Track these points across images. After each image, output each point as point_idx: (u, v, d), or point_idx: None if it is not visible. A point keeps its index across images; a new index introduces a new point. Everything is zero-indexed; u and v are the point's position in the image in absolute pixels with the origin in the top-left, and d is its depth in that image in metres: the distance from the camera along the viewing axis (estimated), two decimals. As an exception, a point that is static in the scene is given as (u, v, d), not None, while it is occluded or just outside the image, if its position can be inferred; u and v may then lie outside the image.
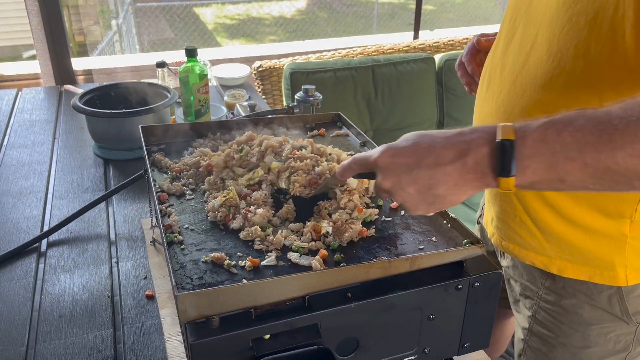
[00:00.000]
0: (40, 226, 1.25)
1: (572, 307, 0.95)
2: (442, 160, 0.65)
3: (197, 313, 0.67)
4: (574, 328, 0.97)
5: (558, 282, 0.95)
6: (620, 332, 0.95)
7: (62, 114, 1.86)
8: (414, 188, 0.67)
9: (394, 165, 0.68)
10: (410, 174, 0.66)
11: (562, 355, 1.01)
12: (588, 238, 0.87)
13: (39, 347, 0.92)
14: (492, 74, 0.95)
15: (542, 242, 0.91)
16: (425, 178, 0.66)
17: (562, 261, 0.91)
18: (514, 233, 0.95)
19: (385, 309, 0.74)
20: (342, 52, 2.51)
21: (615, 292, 0.91)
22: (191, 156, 1.02)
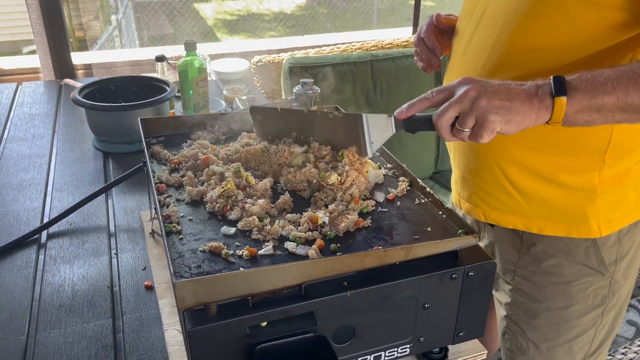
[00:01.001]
0: (40, 218, 1.26)
1: (553, 267, 1.02)
2: (511, 85, 0.78)
3: (195, 300, 0.68)
4: (555, 289, 1.04)
5: (537, 245, 1.02)
6: (597, 286, 1.03)
7: (62, 108, 1.87)
8: (498, 96, 0.77)
9: (479, 81, 0.78)
10: (495, 86, 0.78)
11: (545, 320, 1.07)
12: (563, 194, 0.95)
13: (39, 336, 0.93)
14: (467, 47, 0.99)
15: (523, 205, 0.99)
16: (505, 91, 0.77)
17: (541, 220, 0.99)
18: (496, 200, 1.01)
19: (380, 297, 0.75)
20: (341, 47, 2.52)
21: (591, 245, 0.99)
22: (190, 148, 1.03)
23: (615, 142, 0.91)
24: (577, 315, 1.05)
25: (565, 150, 0.92)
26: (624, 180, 0.95)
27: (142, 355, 0.89)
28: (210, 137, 1.09)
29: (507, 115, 0.77)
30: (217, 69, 2.15)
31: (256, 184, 0.91)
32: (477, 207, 1.05)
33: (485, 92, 0.77)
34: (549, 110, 0.77)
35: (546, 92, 0.77)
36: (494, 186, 1.00)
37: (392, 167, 1.01)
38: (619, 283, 1.04)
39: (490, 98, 0.76)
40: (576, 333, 1.08)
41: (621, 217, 0.98)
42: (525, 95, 0.77)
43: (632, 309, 2.26)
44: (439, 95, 0.80)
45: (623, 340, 2.10)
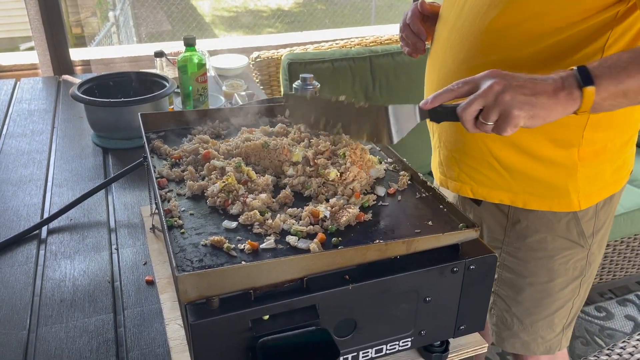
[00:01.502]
0: (40, 214, 1.26)
1: (537, 243, 1.08)
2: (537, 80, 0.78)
3: (197, 294, 0.68)
4: (539, 264, 1.10)
5: (522, 222, 1.08)
6: (577, 258, 1.10)
7: (61, 104, 1.87)
8: (523, 91, 0.77)
9: (505, 75, 0.78)
10: (520, 81, 0.78)
11: (529, 295, 1.14)
12: (546, 169, 1.00)
13: (41, 330, 0.93)
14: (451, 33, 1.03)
15: (509, 180, 1.03)
16: (531, 86, 0.77)
17: (526, 195, 1.04)
18: (483, 176, 1.05)
19: (382, 291, 0.75)
20: (340, 42, 2.52)
21: (571, 218, 1.05)
22: (190, 143, 1.03)
23: (593, 118, 0.95)
24: (559, 289, 1.12)
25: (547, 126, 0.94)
26: (600, 156, 1.00)
27: (143, 350, 0.90)
28: (210, 132, 1.09)
29: (531, 110, 0.77)
30: (216, 64, 2.15)
31: (257, 178, 0.91)
32: (465, 184, 1.09)
33: (510, 86, 0.77)
34: (577, 102, 0.78)
35: (573, 83, 0.78)
36: (481, 163, 1.04)
37: (392, 161, 1.01)
38: (594, 255, 1.12)
39: (514, 93, 0.77)
40: (557, 306, 1.15)
41: (598, 191, 1.04)
42: (552, 90, 0.78)
43: (630, 304, 2.27)
44: (464, 87, 0.81)
45: (621, 335, 2.11)
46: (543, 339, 1.19)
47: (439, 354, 0.83)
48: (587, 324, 2.17)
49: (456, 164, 1.09)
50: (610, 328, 2.15)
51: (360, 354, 0.79)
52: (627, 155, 1.06)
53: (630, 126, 1.02)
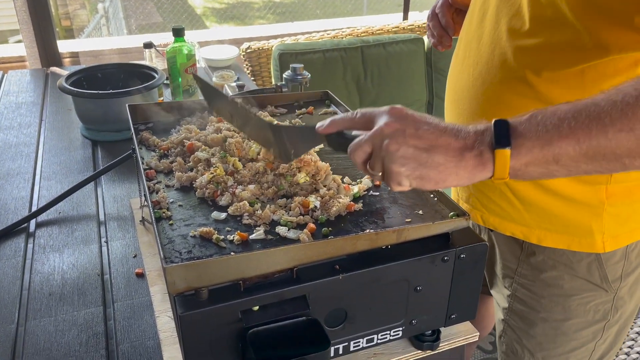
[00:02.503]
0: (28, 207, 1.25)
1: (553, 279, 0.97)
2: (447, 132, 0.63)
3: (186, 285, 0.67)
4: (554, 301, 0.99)
5: (538, 256, 0.97)
6: (599, 301, 0.97)
7: (49, 96, 1.85)
8: (415, 143, 0.63)
9: (405, 117, 0.64)
10: (419, 128, 0.63)
11: (542, 331, 1.03)
12: (566, 206, 0.89)
13: (29, 324, 0.92)
14: (467, 46, 0.95)
15: (522, 212, 0.93)
16: (430, 138, 0.63)
17: (541, 230, 0.93)
18: (495, 205, 0.96)
19: (372, 280, 0.75)
20: (332, 33, 2.50)
21: (594, 260, 0.93)
22: (178, 134, 1.02)
23: None
24: (575, 329, 1.01)
25: None
26: (634, 194, 0.88)
27: (133, 342, 0.89)
28: (199, 123, 1.08)
29: (418, 169, 0.63)
30: (206, 56, 2.13)
31: (243, 169, 0.90)
32: (475, 209, 1.01)
33: (401, 134, 0.63)
34: (487, 166, 0.62)
35: (485, 142, 0.62)
36: (494, 191, 0.95)
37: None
38: (623, 299, 0.99)
39: (402, 144, 0.63)
40: (574, 346, 1.04)
41: (629, 233, 0.92)
42: (457, 148, 0.62)
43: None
44: (361, 119, 0.68)
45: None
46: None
47: (430, 343, 0.83)
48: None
49: (467, 187, 1.00)
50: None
51: (351, 344, 0.79)
52: None
53: None
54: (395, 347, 0.84)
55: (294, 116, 1.14)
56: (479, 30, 0.92)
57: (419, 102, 2.48)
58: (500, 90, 0.89)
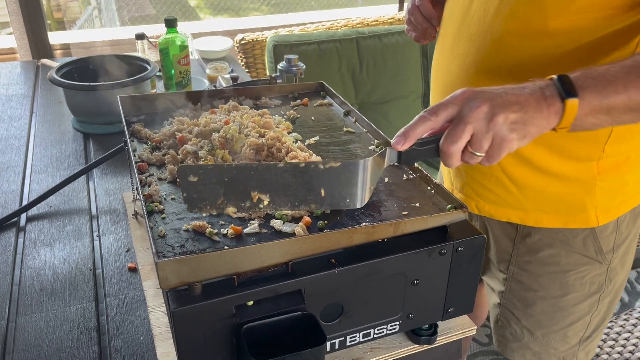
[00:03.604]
0: (19, 201, 1.23)
1: (549, 257, 1.00)
2: (518, 92, 0.68)
3: (179, 280, 0.66)
4: (552, 278, 1.02)
5: (533, 236, 0.99)
6: (595, 274, 1.01)
7: (40, 89, 1.82)
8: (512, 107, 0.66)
9: (483, 92, 0.67)
10: (499, 97, 0.67)
11: (541, 309, 1.06)
12: (560, 184, 0.92)
13: (20, 320, 0.91)
14: (456, 35, 0.94)
15: (518, 197, 0.96)
16: (514, 98, 0.67)
17: (537, 213, 0.96)
18: (490, 192, 0.98)
19: (369, 274, 0.73)
20: (326, 24, 2.48)
21: (589, 234, 0.97)
22: (170, 126, 1.00)
23: (616, 132, 0.88)
24: (573, 303, 1.04)
25: (565, 141, 0.89)
26: (622, 168, 0.92)
27: (126, 338, 0.88)
28: (192, 115, 1.06)
29: (523, 129, 0.67)
30: (200, 47, 2.10)
31: (233, 161, 0.88)
32: (470, 198, 1.02)
33: (498, 105, 0.66)
34: (558, 115, 0.68)
35: (554, 94, 0.68)
36: (489, 178, 0.97)
37: (379, 142, 0.99)
38: (615, 270, 1.03)
39: (506, 112, 0.66)
40: (572, 320, 1.07)
41: (619, 205, 0.96)
42: (535, 101, 0.68)
43: (617, 284, 2.29)
44: (444, 112, 0.68)
45: (608, 314, 2.13)
46: (556, 350, 1.11)
47: (427, 337, 0.82)
48: (574, 304, 2.18)
49: (461, 176, 1.02)
50: (597, 308, 2.17)
51: (347, 339, 0.78)
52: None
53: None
54: (392, 342, 0.83)
55: (288, 108, 1.12)
56: (467, 19, 0.92)
57: (414, 93, 2.47)
58: (496, 78, 0.88)
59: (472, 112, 0.66)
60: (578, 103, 0.67)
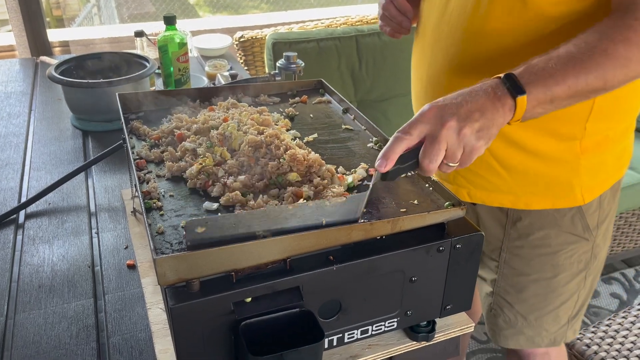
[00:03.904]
0: (17, 198, 1.23)
1: (540, 239, 1.05)
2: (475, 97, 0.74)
3: (177, 277, 0.66)
4: (543, 261, 1.07)
5: (524, 220, 1.05)
6: (582, 251, 1.07)
7: (39, 86, 1.82)
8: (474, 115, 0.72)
9: (446, 107, 0.73)
10: (462, 107, 0.72)
11: (534, 292, 1.11)
12: (547, 165, 0.98)
13: (19, 317, 0.91)
14: (436, 29, 0.98)
15: (508, 181, 1.01)
16: (475, 106, 0.73)
17: (527, 196, 1.01)
18: (481, 179, 1.02)
19: (367, 271, 0.74)
20: (326, 22, 2.48)
21: (576, 212, 1.03)
22: (169, 123, 1.00)
23: (596, 109, 0.93)
24: (564, 283, 1.09)
25: (549, 121, 0.93)
26: (602, 146, 0.98)
27: (125, 335, 0.88)
28: (191, 112, 1.06)
29: (487, 133, 0.73)
30: (199, 45, 2.10)
31: (231, 158, 0.88)
32: (461, 187, 1.04)
33: (462, 118, 0.72)
34: (512, 111, 0.74)
35: (505, 93, 0.74)
36: (479, 165, 1.00)
37: (377, 140, 0.99)
38: (599, 246, 1.09)
39: (471, 123, 0.72)
40: (563, 300, 1.12)
41: (601, 183, 1.02)
42: (491, 103, 0.73)
43: (616, 282, 2.29)
44: (416, 131, 0.73)
45: (607, 313, 2.13)
46: (547, 332, 1.16)
47: (425, 334, 0.82)
48: (572, 302, 2.18)
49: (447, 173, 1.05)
50: (596, 306, 2.18)
51: (345, 336, 0.78)
52: (627, 142, 1.04)
53: (630, 113, 1.00)
54: (390, 338, 0.83)
55: (287, 105, 1.12)
56: (446, 13, 0.96)
57: (413, 92, 2.47)
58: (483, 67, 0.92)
59: (442, 129, 0.71)
60: (527, 98, 0.74)
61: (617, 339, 1.38)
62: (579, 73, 0.75)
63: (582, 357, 1.34)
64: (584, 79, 0.76)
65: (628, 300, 2.20)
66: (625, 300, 2.20)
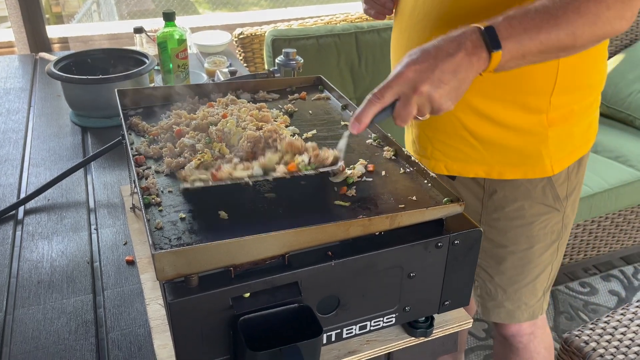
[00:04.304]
0: (16, 194, 1.23)
1: (515, 211, 1.11)
2: (451, 51, 0.76)
3: (175, 272, 0.66)
4: (519, 232, 1.13)
5: (499, 193, 1.11)
6: (554, 222, 1.13)
7: (38, 82, 1.82)
8: (446, 77, 0.76)
9: (421, 70, 0.76)
10: (437, 69, 0.76)
11: (511, 264, 1.17)
12: (518, 137, 1.03)
13: (18, 312, 0.91)
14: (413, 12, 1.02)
15: (482, 152, 1.06)
16: (449, 66, 0.76)
17: (500, 166, 1.06)
18: (457, 151, 1.07)
19: (365, 267, 0.74)
20: (325, 18, 2.47)
21: (546, 183, 1.08)
22: (168, 119, 1.00)
23: (560, 83, 0.98)
24: (539, 254, 1.15)
25: (515, 94, 0.99)
26: (569, 119, 1.03)
27: (124, 330, 0.88)
28: (190, 109, 1.06)
29: (457, 93, 0.78)
30: (198, 41, 2.10)
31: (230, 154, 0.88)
32: (438, 161, 1.10)
33: (433, 83, 0.75)
34: (485, 63, 0.78)
35: (481, 46, 0.77)
36: (454, 138, 1.06)
37: (376, 136, 0.99)
38: (569, 217, 1.15)
39: (441, 87, 0.76)
40: (539, 271, 1.18)
41: (569, 155, 1.08)
42: (467, 58, 0.77)
43: (614, 279, 2.30)
44: (389, 95, 0.77)
45: (605, 310, 2.14)
46: (527, 305, 1.22)
47: (423, 330, 0.83)
48: (571, 300, 2.19)
49: (429, 142, 1.10)
50: (594, 303, 2.18)
51: (344, 331, 0.78)
52: (593, 118, 1.10)
53: (593, 88, 1.05)
54: (388, 334, 0.83)
55: (286, 101, 1.12)
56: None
57: (413, 89, 2.46)
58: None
59: (414, 95, 0.76)
60: (501, 53, 0.77)
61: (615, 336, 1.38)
62: (552, 28, 0.78)
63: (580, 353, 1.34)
64: (556, 35, 0.79)
65: (627, 298, 2.20)
66: (624, 297, 2.20)
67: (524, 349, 1.32)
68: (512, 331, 1.29)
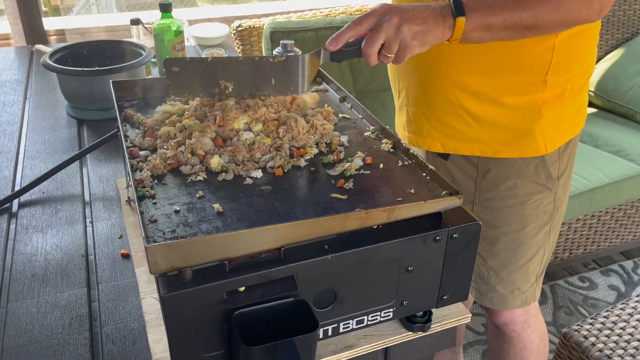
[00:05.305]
0: (11, 186, 1.21)
1: (508, 190, 1.13)
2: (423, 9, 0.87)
3: (169, 265, 0.65)
4: (511, 212, 1.15)
5: (492, 171, 1.13)
6: (546, 202, 1.15)
7: (34, 74, 1.80)
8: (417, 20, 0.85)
9: (396, 7, 0.86)
10: (409, 12, 0.86)
11: (504, 245, 1.18)
12: (513, 116, 1.06)
13: (11, 306, 0.90)
14: None
15: (478, 130, 1.08)
16: (420, 14, 0.86)
17: (495, 144, 1.09)
18: (453, 130, 1.10)
19: (362, 260, 0.73)
20: (324, 11, 2.45)
21: (539, 162, 1.11)
22: (158, 114, 0.99)
23: (555, 63, 1.01)
24: (531, 235, 1.17)
25: (512, 73, 1.02)
26: (562, 99, 1.06)
27: (118, 324, 0.87)
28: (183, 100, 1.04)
29: (423, 38, 0.86)
30: (196, 34, 2.08)
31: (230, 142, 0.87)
32: (435, 139, 1.13)
33: (405, 19, 0.84)
34: (451, 29, 0.87)
35: (448, 12, 0.87)
36: (451, 116, 1.08)
37: (375, 129, 0.97)
38: (560, 199, 1.17)
39: (410, 24, 0.84)
40: (531, 253, 1.19)
41: (561, 135, 1.10)
42: (434, 17, 0.86)
43: (614, 274, 2.29)
44: (365, 22, 0.86)
45: (605, 305, 2.13)
46: (519, 291, 1.23)
47: (421, 325, 0.82)
48: (570, 294, 2.18)
49: (425, 120, 1.13)
50: (594, 298, 2.17)
51: (340, 326, 0.77)
52: (583, 99, 1.13)
53: (585, 70, 1.08)
54: (385, 329, 0.82)
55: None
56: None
57: (412, 82, 2.45)
58: None
59: (385, 23, 0.85)
60: (465, 21, 0.86)
61: (614, 331, 1.38)
62: (514, 9, 0.87)
63: (580, 348, 1.34)
64: (518, 15, 0.87)
65: (626, 292, 2.19)
66: (624, 292, 2.20)
67: (518, 338, 1.32)
68: (505, 319, 1.29)
